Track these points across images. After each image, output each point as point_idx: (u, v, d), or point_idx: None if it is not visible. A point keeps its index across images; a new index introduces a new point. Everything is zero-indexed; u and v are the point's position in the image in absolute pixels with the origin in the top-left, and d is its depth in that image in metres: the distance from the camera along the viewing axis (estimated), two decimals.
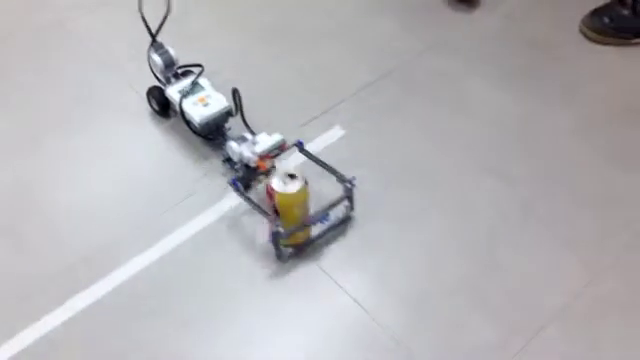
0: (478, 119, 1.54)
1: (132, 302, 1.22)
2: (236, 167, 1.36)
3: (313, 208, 1.26)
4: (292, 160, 1.41)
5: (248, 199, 1.28)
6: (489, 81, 1.62)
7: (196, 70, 1.47)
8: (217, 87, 1.45)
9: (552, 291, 1.23)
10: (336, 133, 1.50)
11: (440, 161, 1.45)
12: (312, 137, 1.48)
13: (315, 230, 1.29)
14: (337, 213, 1.31)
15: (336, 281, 1.23)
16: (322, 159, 1.35)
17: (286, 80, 1.63)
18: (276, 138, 1.33)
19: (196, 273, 1.26)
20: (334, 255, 1.28)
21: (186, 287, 1.24)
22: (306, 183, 1.21)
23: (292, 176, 1.20)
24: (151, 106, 1.53)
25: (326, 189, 1.32)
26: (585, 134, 1.50)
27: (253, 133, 1.37)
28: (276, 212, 1.23)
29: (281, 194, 1.19)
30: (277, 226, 1.21)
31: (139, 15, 1.39)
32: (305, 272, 1.25)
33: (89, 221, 1.35)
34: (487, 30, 1.77)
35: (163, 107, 1.50)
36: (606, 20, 1.71)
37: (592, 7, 1.76)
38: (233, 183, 1.30)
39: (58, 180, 1.43)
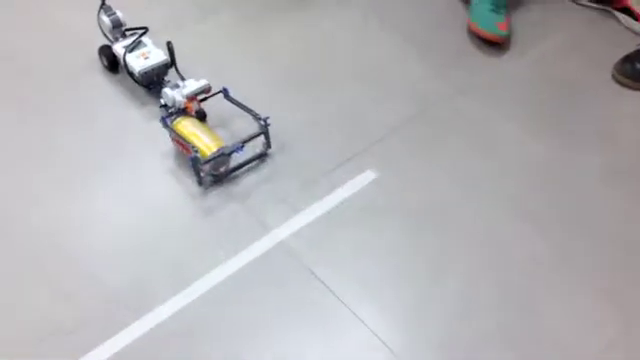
0: (509, 163, 1.55)
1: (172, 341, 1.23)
2: (170, 111, 1.55)
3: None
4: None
5: (174, 133, 1.48)
6: (520, 125, 1.64)
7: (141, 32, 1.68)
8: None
9: (587, 339, 1.24)
10: (367, 177, 1.51)
11: (471, 205, 1.46)
12: (343, 181, 1.49)
13: (233, 162, 1.49)
14: (255, 150, 1.52)
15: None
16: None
17: (316, 122, 1.63)
18: (202, 83, 1.53)
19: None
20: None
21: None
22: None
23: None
24: (102, 63, 1.74)
25: (252, 130, 1.52)
26: (618, 180, 1.51)
27: (184, 79, 1.57)
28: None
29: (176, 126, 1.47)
30: (195, 152, 1.41)
31: None
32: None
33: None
34: (518, 74, 1.78)
35: (112, 63, 1.70)
36: (638, 66, 1.75)
37: (624, 53, 1.79)
38: (163, 120, 1.49)
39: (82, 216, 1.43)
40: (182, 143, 1.45)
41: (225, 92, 1.57)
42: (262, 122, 1.49)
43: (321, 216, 1.42)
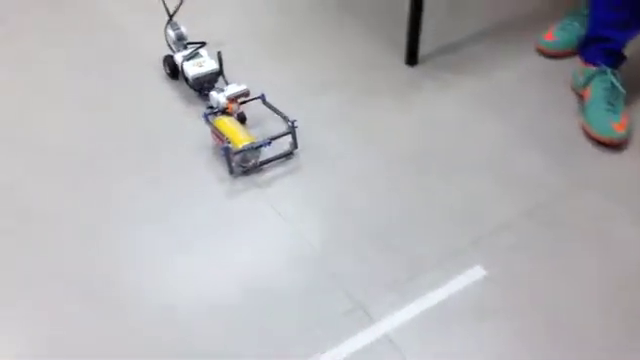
0: (628, 263, 1.46)
1: None
2: (214, 111, 1.78)
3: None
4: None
5: (213, 126, 1.70)
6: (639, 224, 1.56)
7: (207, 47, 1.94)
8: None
9: None
10: (477, 272, 1.45)
11: (588, 311, 1.37)
12: (452, 275, 1.44)
13: (262, 157, 1.69)
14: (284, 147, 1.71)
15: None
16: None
17: (425, 210, 1.59)
18: (242, 87, 1.75)
19: None
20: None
21: None
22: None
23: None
24: (165, 71, 2.00)
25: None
26: None
27: (227, 84, 1.80)
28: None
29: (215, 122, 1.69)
30: (228, 142, 1.62)
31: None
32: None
33: None
34: (638, 171, 1.69)
35: (173, 71, 1.96)
36: None
37: None
38: (205, 116, 1.72)
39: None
40: (219, 136, 1.67)
41: (262, 98, 1.79)
42: (290, 123, 1.68)
43: (428, 310, 1.38)
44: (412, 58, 2.01)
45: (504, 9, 2.24)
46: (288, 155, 1.72)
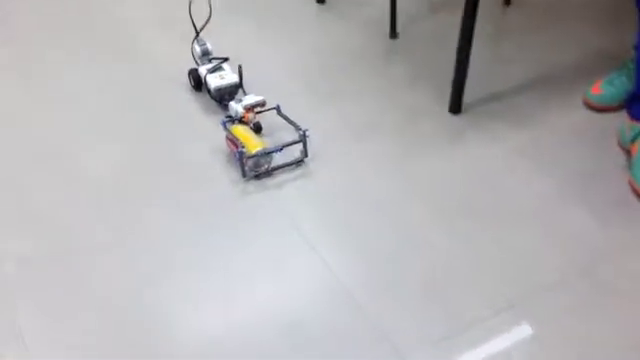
0: None
1: None
2: (232, 120, 1.90)
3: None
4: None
5: (229, 132, 1.81)
6: None
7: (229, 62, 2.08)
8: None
9: None
10: (524, 331, 1.42)
11: None
12: (498, 331, 1.41)
13: (274, 163, 1.80)
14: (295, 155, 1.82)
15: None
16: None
17: (468, 261, 1.57)
18: (259, 98, 1.88)
19: None
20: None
21: None
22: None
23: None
24: (190, 83, 2.13)
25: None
26: None
27: (245, 94, 1.92)
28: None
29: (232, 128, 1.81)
30: (241, 147, 1.73)
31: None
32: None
33: None
34: None
35: (197, 83, 2.09)
36: None
37: None
38: (223, 124, 1.84)
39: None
40: (234, 142, 1.78)
41: (278, 108, 1.91)
42: (301, 132, 1.80)
43: None
44: (456, 106, 2.01)
45: (550, 60, 2.25)
46: (298, 163, 1.82)
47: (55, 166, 1.84)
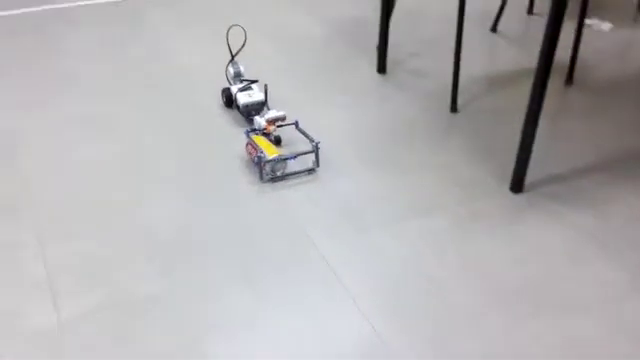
0: None
1: None
2: (255, 130, 2.15)
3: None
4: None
5: (250, 139, 2.06)
6: None
7: (257, 84, 2.35)
8: None
9: None
10: None
11: None
12: None
13: (288, 169, 2.04)
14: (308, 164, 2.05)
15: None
16: None
17: (525, 348, 1.50)
18: (280, 112, 2.14)
19: None
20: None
21: None
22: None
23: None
24: (222, 100, 2.40)
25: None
26: None
27: (268, 109, 2.17)
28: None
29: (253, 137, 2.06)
30: (260, 152, 1.98)
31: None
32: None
33: None
34: None
35: (228, 100, 2.36)
36: None
37: None
38: (246, 132, 2.09)
39: None
40: (255, 148, 2.02)
41: (296, 124, 2.16)
42: (314, 144, 2.03)
43: None
44: (518, 185, 1.97)
45: (614, 142, 2.22)
46: (310, 171, 2.06)
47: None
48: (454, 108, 2.39)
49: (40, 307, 1.58)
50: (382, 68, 2.64)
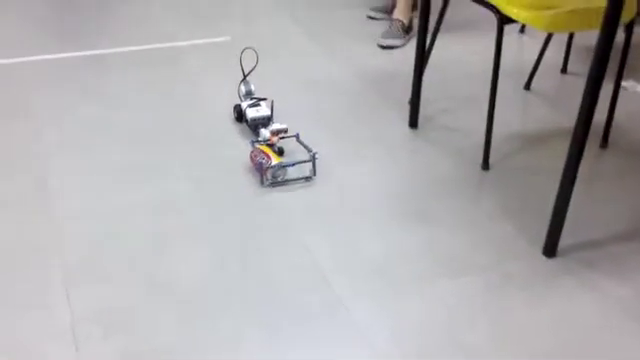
0: None
1: None
2: (260, 141, 2.37)
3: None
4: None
5: (255, 149, 2.28)
6: None
7: (264, 101, 2.58)
8: None
9: None
10: None
11: None
12: None
13: (287, 176, 2.25)
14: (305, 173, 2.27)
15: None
16: None
17: None
18: (283, 125, 2.37)
19: None
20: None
21: None
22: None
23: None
24: (234, 115, 2.64)
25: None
26: None
27: (273, 122, 2.41)
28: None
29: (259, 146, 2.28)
30: (262, 159, 2.20)
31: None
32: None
33: None
34: None
35: (239, 116, 2.60)
36: None
37: None
38: (251, 142, 2.32)
39: None
40: (258, 155, 2.25)
41: (297, 136, 2.38)
42: (311, 154, 2.25)
43: None
44: (551, 249, 1.94)
45: None
46: (307, 178, 2.27)
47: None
48: (486, 166, 2.37)
49: (63, 352, 1.64)
50: (414, 122, 2.63)
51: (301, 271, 1.89)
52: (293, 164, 2.24)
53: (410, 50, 2.93)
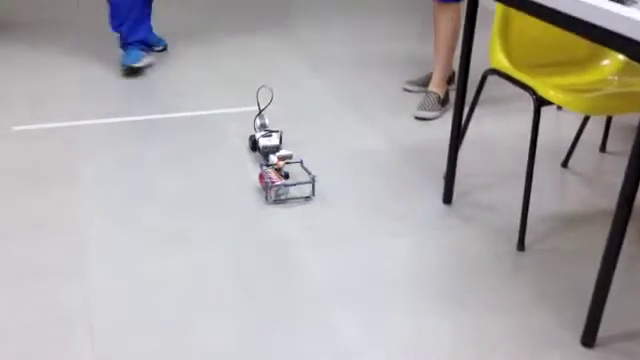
0: None
1: None
2: (268, 165, 2.71)
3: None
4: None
5: (263, 172, 2.62)
6: None
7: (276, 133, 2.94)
8: None
9: None
10: None
11: None
12: None
13: (289, 195, 2.58)
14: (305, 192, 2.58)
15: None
16: None
17: None
18: (288, 152, 2.74)
19: None
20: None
21: None
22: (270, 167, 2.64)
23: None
24: (249, 145, 2.99)
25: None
26: None
27: (280, 149, 2.77)
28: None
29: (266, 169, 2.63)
30: (269, 179, 2.54)
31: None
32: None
33: None
34: None
35: (253, 145, 2.96)
36: None
37: None
38: (260, 166, 2.66)
39: None
40: (264, 176, 2.58)
41: (301, 162, 2.74)
42: (311, 177, 2.59)
43: None
44: (590, 339, 1.87)
45: None
46: (307, 198, 2.60)
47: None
48: (521, 246, 2.31)
49: None
50: (448, 198, 2.57)
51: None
52: (294, 184, 2.58)
53: (446, 123, 3.04)
